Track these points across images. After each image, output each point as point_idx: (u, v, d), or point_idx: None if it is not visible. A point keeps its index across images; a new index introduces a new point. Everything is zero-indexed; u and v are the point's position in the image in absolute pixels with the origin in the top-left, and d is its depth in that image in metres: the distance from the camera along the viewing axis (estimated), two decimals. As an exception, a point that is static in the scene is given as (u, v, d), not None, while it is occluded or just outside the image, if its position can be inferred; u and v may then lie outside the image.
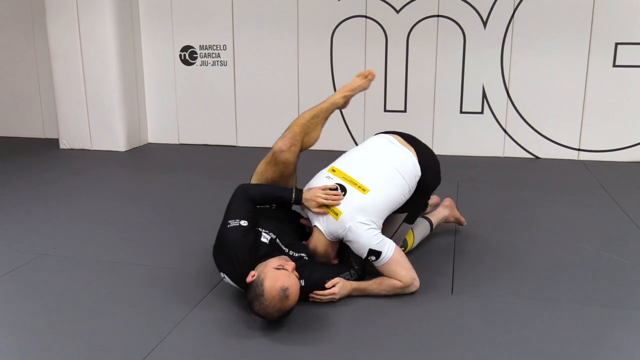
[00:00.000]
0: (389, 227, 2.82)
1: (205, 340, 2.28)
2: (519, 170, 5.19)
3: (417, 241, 3.10)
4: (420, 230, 3.15)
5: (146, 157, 5.97)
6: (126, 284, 2.83)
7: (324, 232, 2.66)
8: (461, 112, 5.76)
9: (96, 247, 3.31)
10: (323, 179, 2.77)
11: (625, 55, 5.29)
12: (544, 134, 5.61)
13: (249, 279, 2.37)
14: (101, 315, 2.49)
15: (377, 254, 2.57)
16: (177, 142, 6.52)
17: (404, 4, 5.65)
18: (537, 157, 5.64)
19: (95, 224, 3.73)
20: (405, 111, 5.88)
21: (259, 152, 6.31)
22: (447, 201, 3.46)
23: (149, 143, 6.57)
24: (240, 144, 6.29)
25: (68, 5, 5.83)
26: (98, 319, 2.46)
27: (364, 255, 2.60)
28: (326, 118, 3.08)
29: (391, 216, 2.79)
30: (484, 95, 5.66)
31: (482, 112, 5.71)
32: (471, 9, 5.52)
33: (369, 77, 3.25)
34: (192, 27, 6.18)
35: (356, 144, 5.90)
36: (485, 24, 5.53)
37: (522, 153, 5.69)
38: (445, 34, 5.62)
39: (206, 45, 6.19)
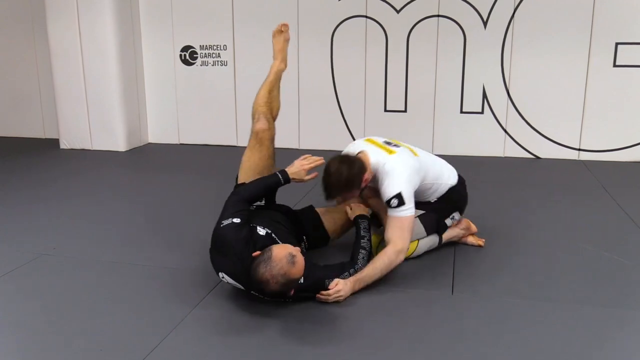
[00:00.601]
0: None
1: (205, 341, 2.28)
2: (519, 170, 5.19)
3: (420, 250, 3.05)
4: (426, 241, 3.08)
5: (146, 157, 5.97)
6: (126, 284, 2.83)
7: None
8: (461, 112, 5.75)
9: (96, 247, 3.31)
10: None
11: (626, 55, 5.29)
12: (544, 134, 5.61)
13: (255, 254, 2.37)
14: (101, 315, 2.49)
15: (401, 201, 2.68)
16: (177, 142, 6.52)
17: (404, 4, 5.65)
18: (537, 157, 5.64)
19: (95, 224, 3.73)
20: (405, 111, 5.88)
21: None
22: (464, 223, 3.30)
23: (149, 143, 6.57)
24: (241, 144, 6.29)
25: (68, 5, 5.83)
26: (98, 319, 2.46)
27: (390, 196, 2.69)
28: (279, 87, 3.50)
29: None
30: (485, 95, 5.66)
31: (482, 112, 5.71)
32: (471, 8, 5.52)
33: (284, 29, 3.52)
34: (193, 27, 6.18)
35: (356, 144, 5.90)
36: (485, 24, 5.53)
37: (522, 153, 5.69)
38: (445, 34, 5.62)
39: (206, 45, 6.20)
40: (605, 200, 4.17)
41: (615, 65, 5.35)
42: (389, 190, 2.74)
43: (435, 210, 3.03)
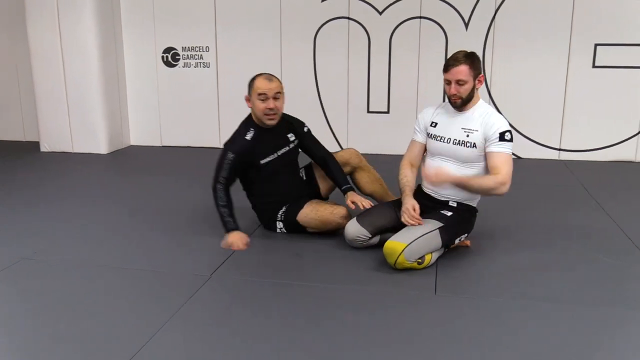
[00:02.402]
0: (423, 227, 2.96)
1: (189, 344, 2.27)
2: (501, 170, 5.21)
3: (432, 262, 3.01)
4: (437, 254, 3.06)
5: (128, 160, 5.93)
6: (108, 287, 2.80)
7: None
8: (444, 112, 5.78)
9: (78, 251, 3.28)
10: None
11: (605, 56, 5.36)
12: (525, 133, 5.67)
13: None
14: (83, 320, 2.47)
15: (511, 137, 2.95)
16: (159, 145, 6.48)
17: (386, 5, 5.68)
18: (518, 157, 5.69)
19: (76, 228, 3.69)
20: (388, 112, 5.91)
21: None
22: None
23: (131, 145, 6.52)
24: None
25: (48, 7, 5.77)
26: (79, 323, 2.43)
27: (503, 130, 2.92)
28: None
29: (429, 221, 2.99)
30: (466, 96, 5.69)
31: (464, 113, 5.74)
32: (453, 10, 5.56)
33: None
34: (175, 28, 6.15)
35: (339, 145, 5.92)
36: (467, 25, 5.58)
37: (504, 153, 5.72)
38: (427, 35, 5.65)
39: (189, 47, 6.17)
40: (586, 199, 4.22)
41: (594, 66, 5.42)
42: (500, 124, 2.95)
43: (453, 226, 3.03)
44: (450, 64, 2.95)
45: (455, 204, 3.08)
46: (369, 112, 5.93)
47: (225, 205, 3.31)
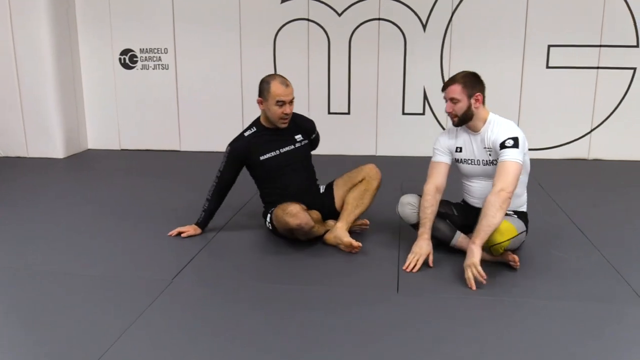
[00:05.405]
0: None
1: (149, 352, 2.24)
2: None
3: (518, 241, 3.03)
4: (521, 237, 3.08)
5: (86, 164, 5.82)
6: (65, 295, 2.74)
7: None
8: (403, 113, 5.86)
9: (32, 258, 3.19)
10: None
11: (558, 57, 5.52)
12: (483, 133, 5.77)
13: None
14: (38, 329, 2.40)
15: (515, 144, 2.93)
16: (118, 148, 6.38)
17: (345, 7, 5.71)
18: (477, 157, 5.79)
19: (31, 234, 3.60)
20: (349, 113, 5.94)
21: (202, 157, 6.29)
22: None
23: (89, 149, 6.40)
24: (184, 148, 6.21)
25: (0, 7, 5.61)
26: (33, 333, 2.37)
27: (508, 137, 2.94)
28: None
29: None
30: (425, 97, 5.78)
31: (423, 114, 5.83)
32: (411, 12, 5.63)
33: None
34: (132, 30, 6.05)
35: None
36: (424, 27, 5.65)
37: (462, 152, 5.83)
38: (386, 36, 5.71)
39: (147, 49, 6.08)
40: (542, 197, 4.33)
41: (548, 67, 5.57)
42: (500, 134, 2.97)
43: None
44: (446, 82, 3.09)
45: (511, 212, 3.11)
46: (329, 113, 5.96)
47: (208, 199, 3.42)
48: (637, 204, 4.23)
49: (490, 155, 3.04)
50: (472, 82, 3.04)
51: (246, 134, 3.41)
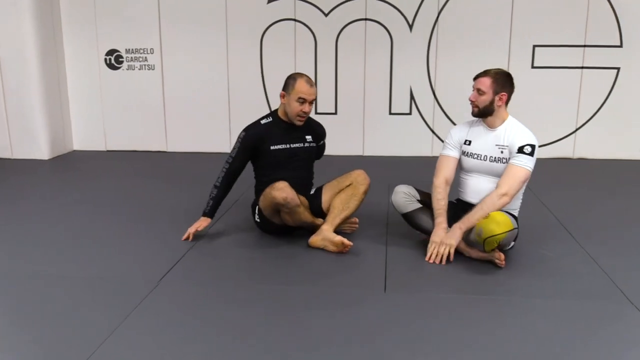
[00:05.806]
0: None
1: (140, 350, 2.23)
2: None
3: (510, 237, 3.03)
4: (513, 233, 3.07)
5: (72, 165, 5.77)
6: (53, 296, 2.71)
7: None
8: (390, 113, 5.88)
9: (19, 259, 3.17)
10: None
11: (543, 57, 5.56)
12: (469, 133, 5.80)
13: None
14: (25, 331, 2.39)
15: (532, 152, 3.01)
16: (104, 149, 6.34)
17: (332, 7, 5.72)
18: (463, 156, 5.83)
19: (17, 235, 3.56)
20: (336, 113, 5.95)
21: (189, 157, 6.26)
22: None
23: (75, 150, 6.35)
24: (170, 149, 6.19)
25: (-17, 8, 5.56)
26: (26, 332, 2.36)
27: (526, 143, 3.01)
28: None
29: None
30: (412, 97, 5.81)
31: (410, 113, 5.86)
32: (397, 12, 5.65)
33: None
34: (118, 30, 6.02)
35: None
36: (411, 27, 5.68)
37: (449, 152, 5.86)
38: (373, 37, 5.73)
39: (132, 49, 6.05)
40: (527, 195, 4.34)
41: (533, 67, 5.62)
42: (522, 138, 3.04)
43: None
44: (479, 73, 3.16)
45: (504, 212, 3.09)
46: (317, 113, 5.96)
47: (217, 186, 3.38)
48: (622, 202, 4.28)
49: (502, 152, 3.08)
50: (503, 81, 3.12)
51: (263, 122, 3.44)
